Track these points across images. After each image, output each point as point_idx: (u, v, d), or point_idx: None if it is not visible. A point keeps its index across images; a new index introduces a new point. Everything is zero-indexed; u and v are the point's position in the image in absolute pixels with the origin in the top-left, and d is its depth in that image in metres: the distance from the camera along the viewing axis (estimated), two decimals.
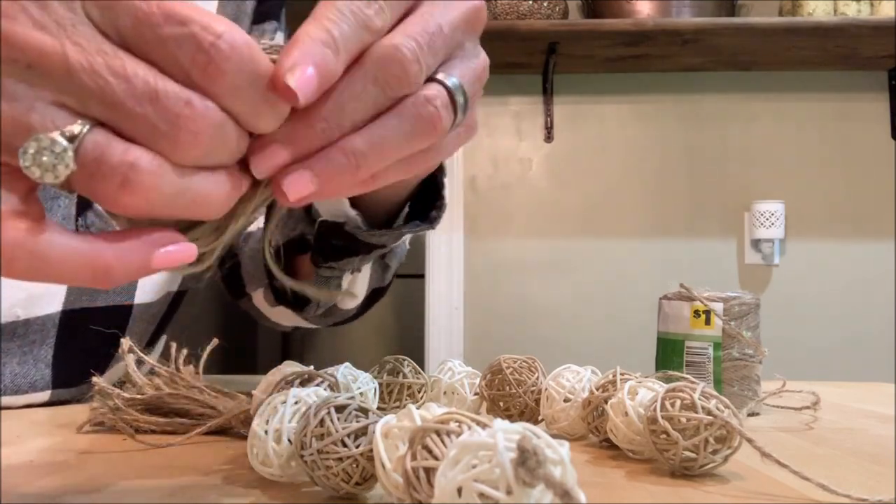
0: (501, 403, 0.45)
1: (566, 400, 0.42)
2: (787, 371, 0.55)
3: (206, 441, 0.40)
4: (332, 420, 0.28)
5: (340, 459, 0.28)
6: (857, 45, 1.91)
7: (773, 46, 1.92)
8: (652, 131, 2.11)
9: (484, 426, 0.23)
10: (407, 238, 0.59)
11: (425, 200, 0.49)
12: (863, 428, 0.48)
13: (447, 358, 0.50)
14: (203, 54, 0.22)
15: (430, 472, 0.23)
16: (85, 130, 0.22)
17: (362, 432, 0.28)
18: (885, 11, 1.88)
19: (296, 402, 0.32)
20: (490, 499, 0.20)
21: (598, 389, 0.40)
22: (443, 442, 0.23)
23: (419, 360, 2.03)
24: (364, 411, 0.29)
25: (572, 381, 0.42)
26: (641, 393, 0.37)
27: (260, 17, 0.68)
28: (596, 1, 1.97)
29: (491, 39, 1.89)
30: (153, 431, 0.41)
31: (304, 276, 0.56)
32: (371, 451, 0.28)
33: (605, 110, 2.13)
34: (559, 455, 0.21)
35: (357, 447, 0.28)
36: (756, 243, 2.05)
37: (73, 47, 0.21)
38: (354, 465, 0.28)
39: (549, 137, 2.12)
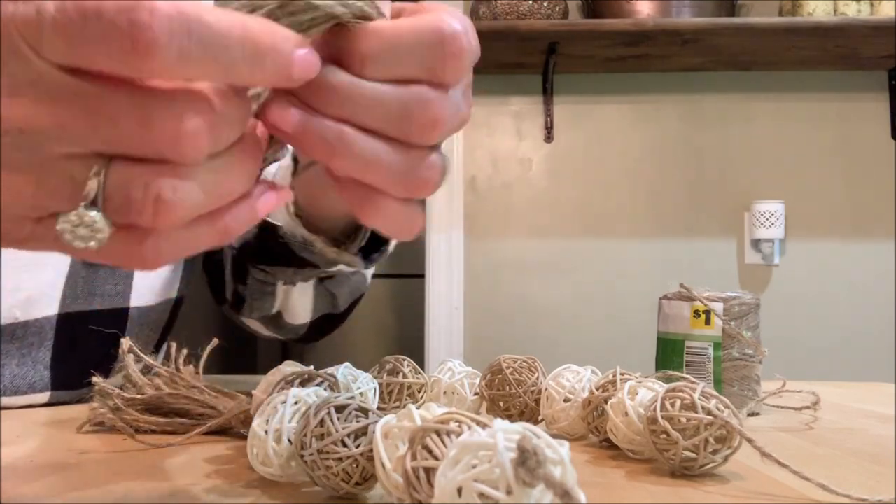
0: (501, 403, 0.45)
1: (566, 400, 0.42)
2: (787, 371, 0.55)
3: (206, 441, 0.40)
4: (332, 420, 0.28)
5: (340, 459, 0.28)
6: (857, 45, 1.91)
7: (773, 46, 1.92)
8: (652, 131, 2.11)
9: (484, 426, 0.23)
10: (367, 272, 0.59)
11: (377, 240, 0.49)
12: (863, 428, 0.48)
13: (447, 358, 0.51)
14: (128, 39, 0.20)
15: (430, 472, 0.23)
16: (100, 182, 0.22)
17: (362, 432, 0.28)
18: (885, 11, 1.88)
19: (296, 402, 0.32)
20: (490, 499, 0.20)
21: (598, 389, 0.40)
22: (443, 442, 0.23)
23: (419, 360, 2.03)
24: (364, 411, 0.29)
25: (572, 381, 0.42)
26: (641, 393, 0.37)
27: None
28: (596, 1, 1.97)
29: (491, 39, 1.89)
30: (153, 431, 0.41)
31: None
32: (371, 451, 0.28)
33: (605, 110, 2.13)
34: (559, 455, 0.21)
35: (357, 447, 0.28)
36: (756, 243, 2.05)
37: (50, 100, 0.21)
38: (354, 465, 0.28)
39: (549, 137, 2.12)
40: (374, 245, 0.50)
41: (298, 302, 0.59)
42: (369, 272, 0.64)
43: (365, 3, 0.25)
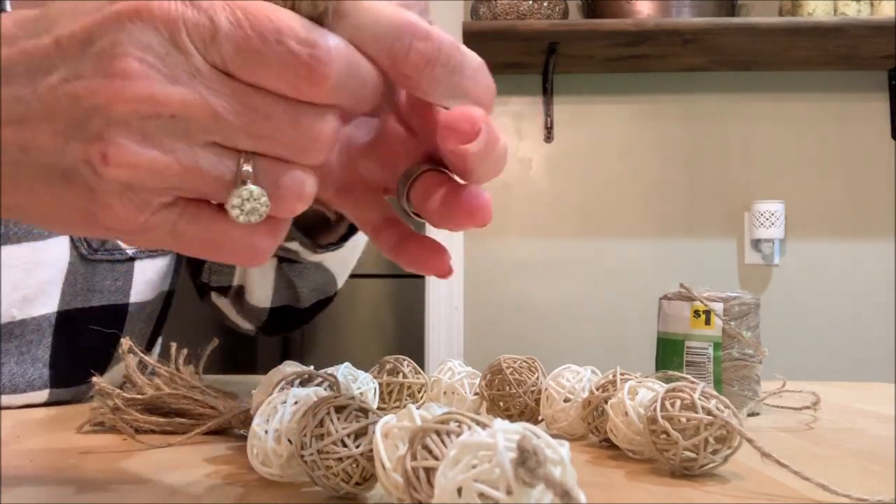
0: (501, 403, 0.45)
1: (566, 400, 0.42)
2: (787, 371, 0.55)
3: (206, 441, 0.40)
4: (332, 420, 0.28)
5: (340, 459, 0.28)
6: (857, 45, 1.91)
7: (773, 46, 1.92)
8: (652, 131, 2.11)
9: (484, 426, 0.23)
10: (335, 270, 0.62)
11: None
12: (863, 428, 0.48)
13: (447, 358, 0.51)
14: (305, 68, 0.23)
15: (430, 472, 0.23)
16: (251, 168, 0.25)
17: (362, 432, 0.28)
18: (885, 11, 1.88)
19: (296, 402, 0.32)
20: (490, 499, 0.20)
21: (598, 389, 0.40)
22: (443, 442, 0.23)
23: (419, 360, 2.03)
24: (364, 411, 0.29)
25: (572, 381, 0.42)
26: (641, 393, 0.37)
27: None
28: (596, 1, 1.97)
29: (491, 39, 1.89)
30: (153, 431, 0.41)
31: None
32: (371, 451, 0.28)
33: (605, 110, 2.13)
34: (559, 455, 0.21)
35: (357, 447, 0.28)
36: (756, 243, 2.05)
37: (208, 92, 0.23)
38: (354, 465, 0.28)
39: (549, 137, 2.12)
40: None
41: (258, 281, 0.61)
42: (339, 274, 0.65)
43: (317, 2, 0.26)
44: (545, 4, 1.91)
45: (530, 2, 1.91)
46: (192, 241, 0.26)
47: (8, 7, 0.54)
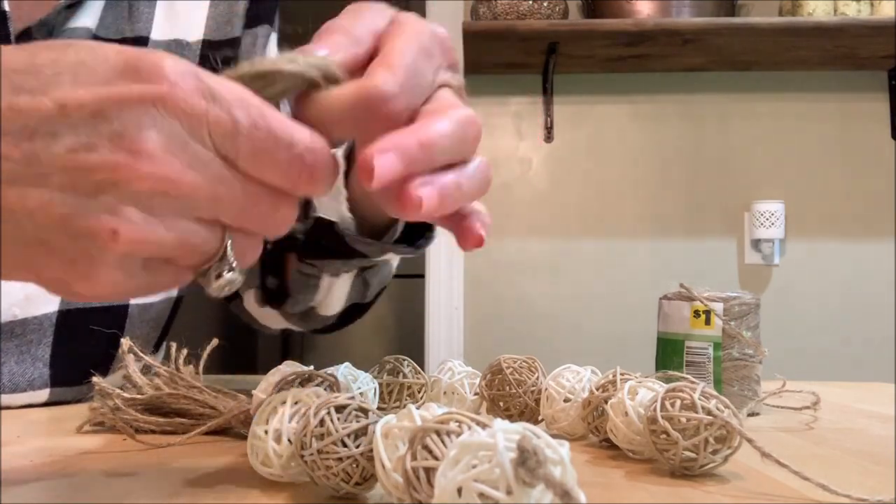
0: (501, 403, 0.45)
1: (566, 400, 0.42)
2: (787, 371, 0.55)
3: (206, 441, 0.40)
4: (332, 420, 0.28)
5: (340, 459, 0.28)
6: (857, 45, 1.90)
7: (773, 46, 1.92)
8: (652, 131, 2.11)
9: (484, 426, 0.23)
10: (393, 262, 0.61)
11: (419, 227, 0.51)
12: (863, 428, 0.48)
13: (447, 358, 0.51)
14: (307, 171, 0.27)
15: (430, 472, 0.23)
16: (230, 246, 0.28)
17: (362, 432, 0.28)
18: (885, 11, 1.88)
19: (296, 403, 0.32)
20: (490, 499, 0.20)
21: (598, 389, 0.40)
22: (443, 442, 0.23)
23: (419, 360, 2.02)
24: (364, 411, 0.29)
25: (572, 381, 0.42)
26: (641, 393, 0.37)
27: (252, 20, 0.67)
28: (596, 1, 1.97)
29: (491, 39, 1.89)
30: (153, 431, 0.41)
31: (290, 274, 0.58)
32: (371, 451, 0.28)
33: (605, 110, 2.13)
34: (559, 455, 0.21)
35: (357, 447, 0.28)
36: (756, 243, 2.05)
37: (215, 179, 0.25)
38: (354, 465, 0.28)
39: (549, 137, 2.12)
40: (409, 238, 0.52)
41: (337, 293, 0.60)
42: (395, 262, 0.64)
43: (327, 62, 0.29)
44: (545, 4, 1.91)
45: (530, 2, 1.91)
46: (147, 289, 0.27)
47: (6, 6, 0.54)
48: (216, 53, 0.65)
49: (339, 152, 0.49)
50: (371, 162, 0.27)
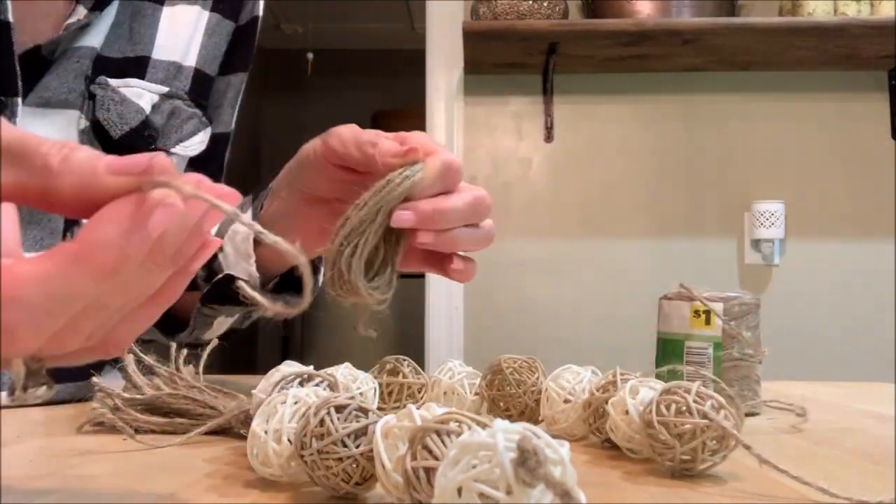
0: (502, 404, 0.45)
1: (566, 401, 0.42)
2: (787, 371, 0.55)
3: (206, 441, 0.40)
4: (332, 420, 0.28)
5: (340, 459, 0.28)
6: (857, 45, 1.90)
7: (773, 46, 1.92)
8: (652, 131, 2.11)
9: (484, 426, 0.23)
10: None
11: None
12: (863, 428, 0.48)
13: (447, 358, 0.51)
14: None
15: (430, 471, 0.23)
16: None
17: (362, 432, 0.28)
18: (885, 11, 1.88)
19: (296, 402, 0.32)
20: (490, 499, 0.20)
21: (598, 390, 0.40)
22: (443, 442, 0.23)
23: (419, 360, 2.02)
24: (364, 411, 0.29)
25: (572, 381, 0.42)
26: (643, 392, 0.37)
27: (227, 68, 0.72)
28: (596, 1, 1.97)
29: (491, 39, 1.89)
30: (153, 431, 0.41)
31: (180, 309, 0.62)
32: (371, 451, 0.28)
33: (605, 110, 2.12)
34: (559, 455, 0.21)
35: (357, 447, 0.28)
36: (756, 243, 2.05)
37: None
38: (354, 465, 0.28)
39: (549, 137, 2.12)
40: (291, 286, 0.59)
41: (224, 325, 0.65)
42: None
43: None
44: (545, 4, 1.91)
45: (530, 2, 1.90)
46: None
47: (9, 8, 0.54)
48: (201, 87, 0.69)
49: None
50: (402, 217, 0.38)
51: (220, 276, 0.56)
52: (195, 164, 0.70)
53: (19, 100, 0.57)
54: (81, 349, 0.27)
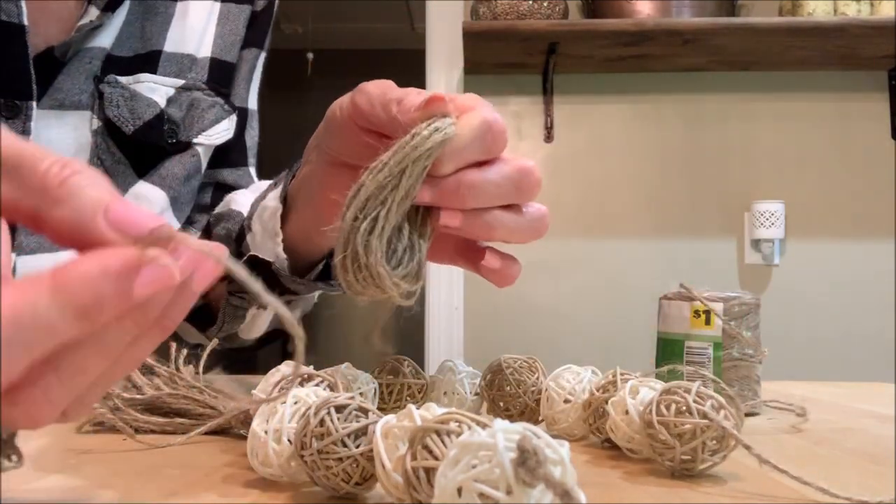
0: (501, 404, 0.45)
1: (566, 401, 0.42)
2: (787, 371, 0.55)
3: (206, 441, 0.40)
4: (332, 420, 0.28)
5: (340, 459, 0.28)
6: (857, 45, 1.90)
7: (773, 46, 1.92)
8: (652, 131, 2.11)
9: (484, 426, 0.23)
10: (315, 294, 0.64)
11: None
12: (863, 428, 0.48)
13: (447, 358, 0.51)
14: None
15: (429, 471, 0.23)
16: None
17: (362, 432, 0.28)
18: (885, 11, 1.88)
19: (295, 402, 0.32)
20: (490, 499, 0.20)
21: (598, 390, 0.40)
22: (443, 442, 0.23)
23: (419, 360, 2.02)
24: (364, 411, 0.29)
25: (572, 381, 0.42)
26: (643, 392, 0.37)
27: (244, 42, 0.71)
28: (596, 1, 1.97)
29: (491, 39, 1.89)
30: (153, 431, 0.41)
31: (213, 299, 0.60)
32: (371, 451, 0.28)
33: (605, 110, 2.12)
34: (559, 455, 0.21)
35: (357, 447, 0.28)
36: (756, 243, 2.05)
37: None
38: (354, 465, 0.28)
39: (549, 137, 2.12)
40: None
41: (260, 321, 0.62)
42: (317, 294, 0.67)
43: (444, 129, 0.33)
44: (545, 4, 1.91)
45: (530, 2, 1.91)
46: None
47: (24, 11, 0.55)
48: (219, 74, 0.68)
49: (274, 195, 0.52)
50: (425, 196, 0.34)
51: (245, 258, 0.52)
52: (223, 150, 0.69)
53: (34, 103, 0.57)
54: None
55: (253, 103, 0.74)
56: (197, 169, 0.67)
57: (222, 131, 0.68)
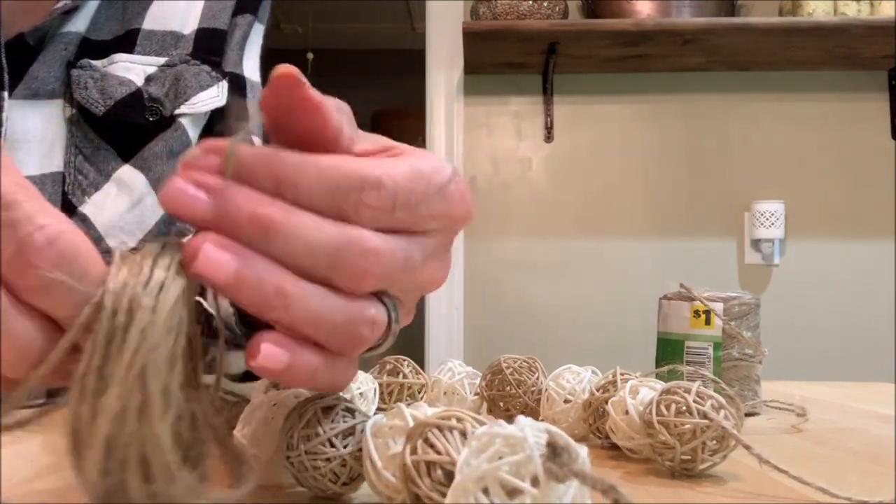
0: (501, 404, 0.45)
1: (566, 401, 0.42)
2: (787, 371, 0.55)
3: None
4: (319, 421, 0.28)
5: (329, 460, 0.28)
6: (857, 45, 1.90)
7: (773, 46, 1.92)
8: (652, 131, 2.11)
9: (482, 424, 0.23)
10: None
11: None
12: (863, 428, 0.48)
13: (447, 358, 0.51)
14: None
15: (430, 465, 0.23)
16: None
17: (350, 432, 0.28)
18: (885, 11, 1.88)
19: (274, 405, 0.32)
20: (517, 490, 0.20)
21: (598, 390, 0.40)
22: (445, 437, 0.23)
23: (419, 360, 2.02)
24: (351, 411, 0.29)
25: (572, 381, 0.42)
26: (643, 392, 0.37)
27: (236, 9, 0.68)
28: (596, 1, 1.97)
29: (491, 39, 1.89)
30: None
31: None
32: (359, 451, 0.28)
33: (605, 110, 2.12)
34: (581, 457, 0.21)
35: (345, 447, 0.28)
36: (756, 243, 2.05)
37: None
38: (342, 466, 0.28)
39: (549, 137, 2.12)
40: None
41: (236, 360, 0.60)
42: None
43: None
44: (545, 4, 1.91)
45: (530, 2, 1.91)
46: None
47: None
48: (207, 43, 0.65)
49: None
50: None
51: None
52: (217, 117, 0.65)
53: (6, 94, 0.54)
54: None
55: (253, 73, 0.71)
56: (184, 144, 0.64)
57: (209, 98, 0.64)
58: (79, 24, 0.59)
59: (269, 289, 0.23)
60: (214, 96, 0.64)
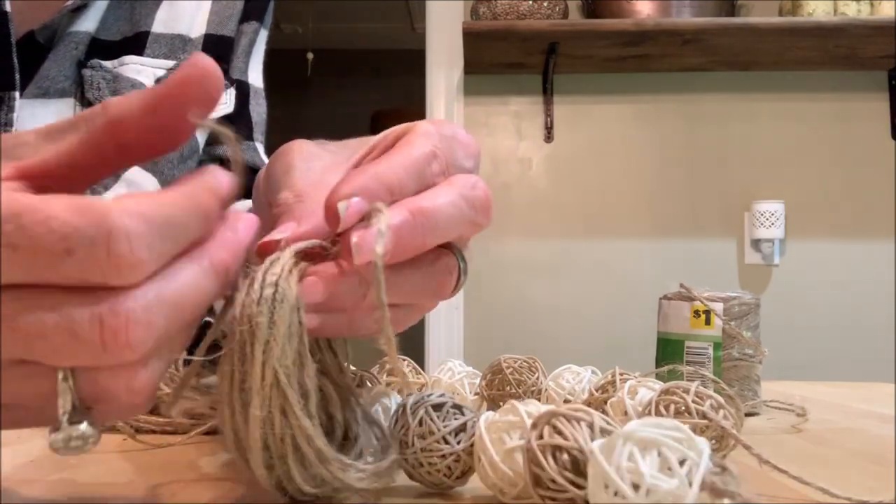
0: (501, 404, 0.45)
1: (566, 401, 0.42)
2: (787, 371, 0.55)
3: (206, 441, 0.40)
4: (431, 419, 0.30)
5: (444, 456, 0.29)
6: (857, 45, 1.90)
7: (773, 46, 1.92)
8: (652, 131, 2.11)
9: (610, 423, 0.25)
10: None
11: None
12: (863, 428, 0.48)
13: (447, 358, 0.51)
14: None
15: (556, 449, 0.24)
16: (71, 388, 0.22)
17: (461, 429, 0.30)
18: (885, 11, 1.88)
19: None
20: (657, 489, 0.21)
21: (597, 390, 0.40)
22: (572, 425, 0.24)
23: (419, 360, 2.02)
24: (459, 408, 0.31)
25: (572, 382, 0.42)
26: (641, 392, 0.37)
27: (243, 16, 0.69)
28: (596, 1, 1.97)
29: (491, 39, 1.89)
30: (153, 431, 0.41)
31: None
32: (471, 446, 0.29)
33: (605, 110, 2.12)
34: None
35: (458, 443, 0.29)
36: (756, 243, 2.05)
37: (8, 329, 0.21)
38: (456, 461, 0.29)
39: (549, 137, 2.12)
40: None
41: None
42: None
43: None
44: (545, 4, 1.91)
45: (530, 2, 1.91)
46: None
47: (7, 6, 0.54)
48: (215, 49, 0.66)
49: None
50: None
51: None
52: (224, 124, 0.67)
53: (17, 93, 0.55)
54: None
55: (256, 79, 0.72)
56: (193, 149, 0.65)
57: (219, 105, 0.66)
58: (88, 23, 0.60)
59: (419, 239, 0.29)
60: (222, 103, 0.65)
